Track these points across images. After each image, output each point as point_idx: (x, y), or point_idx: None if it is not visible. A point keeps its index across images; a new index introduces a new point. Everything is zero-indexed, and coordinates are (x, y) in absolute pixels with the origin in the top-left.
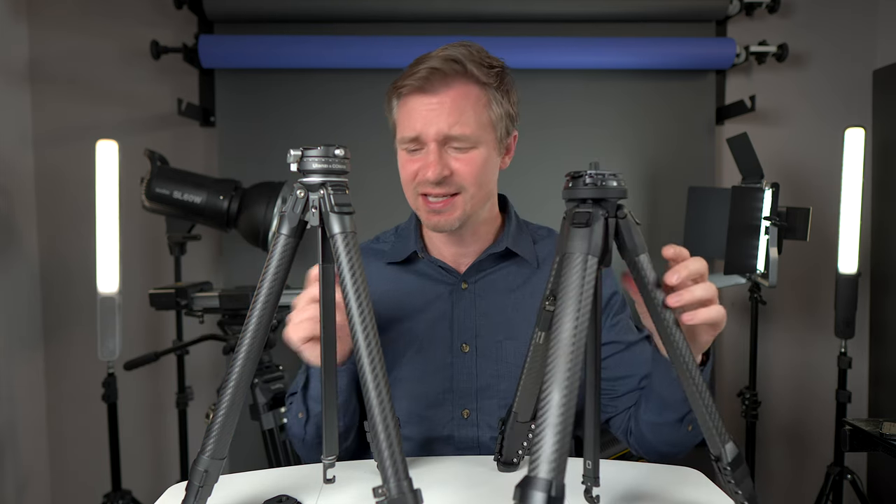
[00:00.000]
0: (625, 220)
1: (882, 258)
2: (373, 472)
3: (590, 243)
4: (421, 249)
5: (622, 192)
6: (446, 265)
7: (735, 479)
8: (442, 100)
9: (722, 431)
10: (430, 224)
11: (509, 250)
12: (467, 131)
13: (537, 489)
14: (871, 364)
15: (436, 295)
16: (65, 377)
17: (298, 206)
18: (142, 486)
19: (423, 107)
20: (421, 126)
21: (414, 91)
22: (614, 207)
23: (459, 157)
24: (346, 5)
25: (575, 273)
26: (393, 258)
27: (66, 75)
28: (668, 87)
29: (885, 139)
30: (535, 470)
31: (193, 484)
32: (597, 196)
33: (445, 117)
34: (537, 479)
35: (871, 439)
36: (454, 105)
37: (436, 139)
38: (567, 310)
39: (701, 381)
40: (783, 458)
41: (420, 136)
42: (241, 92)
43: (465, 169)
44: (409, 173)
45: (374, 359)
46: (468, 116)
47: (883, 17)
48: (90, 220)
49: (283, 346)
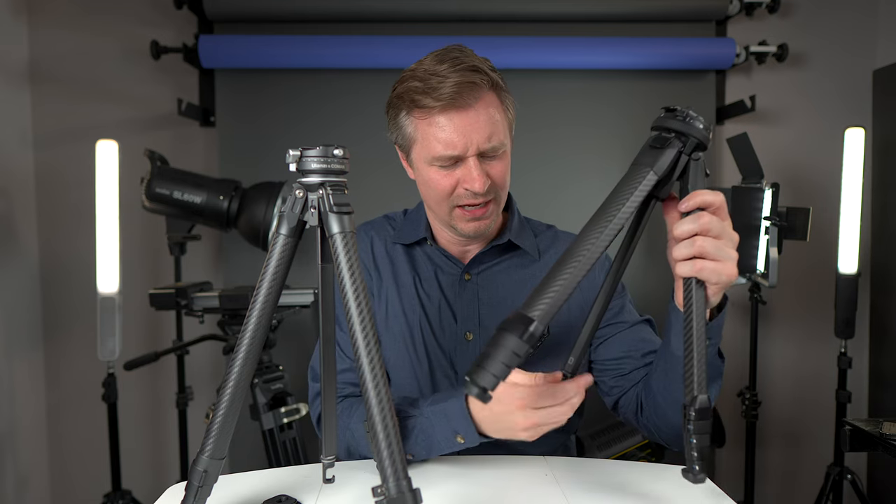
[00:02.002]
0: (697, 162)
1: (882, 258)
2: (372, 471)
3: (657, 161)
4: (430, 237)
5: (705, 137)
6: (451, 255)
7: (695, 429)
8: (477, 114)
9: (702, 381)
10: (470, 230)
11: (512, 243)
12: (501, 137)
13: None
14: (871, 364)
15: (440, 283)
16: (65, 377)
17: (297, 205)
18: (142, 486)
19: (459, 122)
20: (461, 143)
21: (445, 109)
22: (692, 147)
23: (493, 165)
24: (346, 5)
25: (633, 180)
26: (400, 239)
27: (66, 75)
28: (668, 87)
29: (885, 139)
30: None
31: (193, 484)
32: (680, 129)
33: (482, 131)
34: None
35: (871, 439)
36: (487, 116)
37: (475, 153)
38: (614, 202)
39: (701, 327)
40: (783, 458)
41: (461, 153)
42: (241, 92)
43: (498, 175)
44: (445, 189)
45: (373, 359)
46: (498, 125)
47: (883, 17)
48: (90, 220)
49: (283, 346)
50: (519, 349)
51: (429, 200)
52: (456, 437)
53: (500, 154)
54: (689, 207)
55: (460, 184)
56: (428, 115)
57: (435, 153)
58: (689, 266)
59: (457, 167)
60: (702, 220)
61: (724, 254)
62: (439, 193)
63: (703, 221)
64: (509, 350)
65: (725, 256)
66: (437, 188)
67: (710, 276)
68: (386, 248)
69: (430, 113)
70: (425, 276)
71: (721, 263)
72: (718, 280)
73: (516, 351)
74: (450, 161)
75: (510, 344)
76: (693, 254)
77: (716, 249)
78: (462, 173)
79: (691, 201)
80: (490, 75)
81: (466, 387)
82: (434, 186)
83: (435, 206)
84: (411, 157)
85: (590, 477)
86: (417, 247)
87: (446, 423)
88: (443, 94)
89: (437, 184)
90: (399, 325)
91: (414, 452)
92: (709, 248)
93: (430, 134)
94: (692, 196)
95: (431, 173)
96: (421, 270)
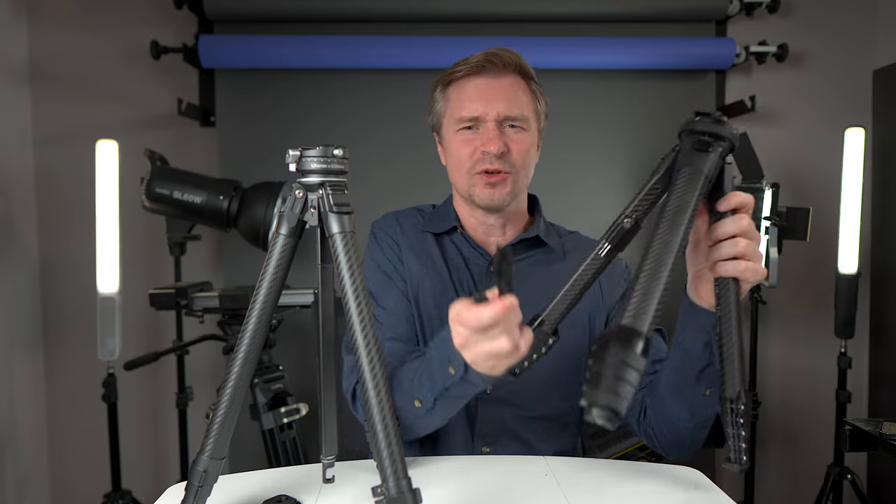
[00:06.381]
0: (729, 165)
1: (882, 258)
2: (372, 471)
3: (706, 165)
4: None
5: (735, 140)
6: (479, 245)
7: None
8: (501, 83)
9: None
10: (485, 197)
11: (539, 239)
12: (524, 112)
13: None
14: (871, 364)
15: (471, 272)
16: (65, 377)
17: (297, 205)
18: (142, 486)
19: (484, 87)
20: (482, 106)
21: (472, 73)
22: (726, 150)
23: (513, 137)
24: (346, 5)
25: (687, 184)
26: (430, 228)
27: (66, 75)
28: (668, 87)
29: (885, 139)
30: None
31: (193, 484)
32: (717, 132)
33: (505, 98)
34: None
35: (871, 439)
36: (511, 88)
37: (496, 118)
38: (673, 210)
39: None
40: (783, 458)
41: (481, 115)
42: (241, 92)
43: (517, 148)
44: (466, 153)
45: (373, 359)
46: (522, 100)
47: (883, 17)
48: (90, 220)
49: (283, 346)
50: (633, 360)
51: (453, 174)
52: (448, 368)
53: (522, 129)
54: (728, 208)
55: (478, 148)
56: (457, 82)
57: (458, 115)
58: (731, 266)
59: (477, 132)
60: (742, 221)
61: (757, 255)
62: (461, 160)
63: (743, 224)
64: (632, 367)
65: (758, 257)
66: (458, 155)
67: (751, 275)
68: (416, 234)
69: (458, 79)
70: (455, 264)
71: (757, 263)
72: (755, 279)
73: (636, 366)
74: (470, 122)
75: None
76: (735, 254)
77: (753, 250)
78: (481, 137)
79: (731, 201)
80: (520, 62)
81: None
82: (456, 154)
83: (457, 180)
84: (442, 135)
85: (590, 477)
86: (447, 236)
87: (442, 349)
88: (470, 62)
89: (459, 150)
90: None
91: (420, 396)
92: (750, 250)
93: (457, 98)
94: (730, 197)
95: (455, 141)
96: (451, 259)
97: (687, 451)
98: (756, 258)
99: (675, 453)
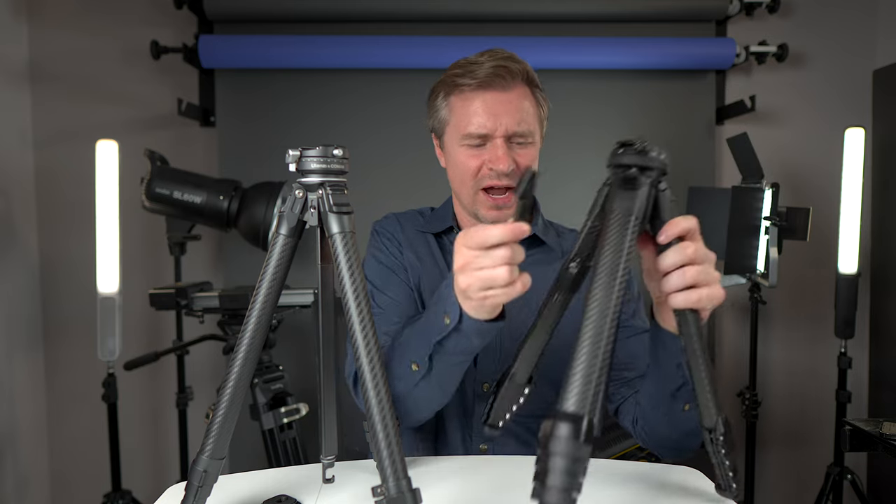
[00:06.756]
0: (664, 192)
1: (882, 258)
2: (372, 471)
3: (635, 204)
4: (456, 226)
5: (665, 166)
6: None
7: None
8: (509, 97)
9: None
10: (491, 218)
11: (537, 238)
12: (531, 127)
13: (564, 421)
14: (871, 364)
15: None
16: (65, 377)
17: (297, 205)
18: (142, 486)
19: (492, 102)
20: (491, 122)
21: (480, 88)
22: (657, 179)
23: (520, 153)
24: (346, 5)
25: (619, 231)
26: (429, 228)
27: (66, 75)
28: (668, 87)
29: (885, 139)
30: (563, 404)
31: (193, 484)
32: (642, 164)
33: (513, 114)
34: (565, 413)
35: (871, 439)
36: (520, 102)
37: (504, 135)
38: (607, 268)
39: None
40: (783, 458)
41: (489, 132)
42: (241, 92)
43: (523, 162)
44: (472, 168)
45: (373, 359)
46: (530, 114)
47: (883, 17)
48: (90, 220)
49: (283, 346)
50: (578, 451)
51: (455, 184)
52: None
53: (529, 143)
54: (669, 238)
55: (486, 164)
56: (463, 94)
57: (465, 131)
58: (682, 297)
59: (484, 148)
60: (687, 250)
61: (711, 277)
62: (465, 174)
63: (688, 252)
64: (569, 457)
65: (713, 280)
66: (463, 168)
67: (707, 302)
68: (416, 234)
69: (464, 92)
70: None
71: (711, 288)
72: (713, 304)
73: (577, 455)
74: (479, 140)
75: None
76: (685, 284)
77: (705, 276)
78: (489, 154)
79: (671, 231)
80: (527, 69)
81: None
82: (461, 167)
83: (460, 190)
84: (443, 141)
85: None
86: (445, 236)
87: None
88: (478, 75)
89: (465, 164)
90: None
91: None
92: (700, 277)
93: (463, 112)
94: (670, 226)
95: (460, 154)
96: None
97: (683, 454)
98: (710, 281)
99: (671, 456)
